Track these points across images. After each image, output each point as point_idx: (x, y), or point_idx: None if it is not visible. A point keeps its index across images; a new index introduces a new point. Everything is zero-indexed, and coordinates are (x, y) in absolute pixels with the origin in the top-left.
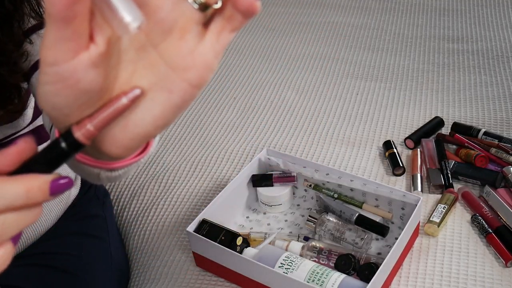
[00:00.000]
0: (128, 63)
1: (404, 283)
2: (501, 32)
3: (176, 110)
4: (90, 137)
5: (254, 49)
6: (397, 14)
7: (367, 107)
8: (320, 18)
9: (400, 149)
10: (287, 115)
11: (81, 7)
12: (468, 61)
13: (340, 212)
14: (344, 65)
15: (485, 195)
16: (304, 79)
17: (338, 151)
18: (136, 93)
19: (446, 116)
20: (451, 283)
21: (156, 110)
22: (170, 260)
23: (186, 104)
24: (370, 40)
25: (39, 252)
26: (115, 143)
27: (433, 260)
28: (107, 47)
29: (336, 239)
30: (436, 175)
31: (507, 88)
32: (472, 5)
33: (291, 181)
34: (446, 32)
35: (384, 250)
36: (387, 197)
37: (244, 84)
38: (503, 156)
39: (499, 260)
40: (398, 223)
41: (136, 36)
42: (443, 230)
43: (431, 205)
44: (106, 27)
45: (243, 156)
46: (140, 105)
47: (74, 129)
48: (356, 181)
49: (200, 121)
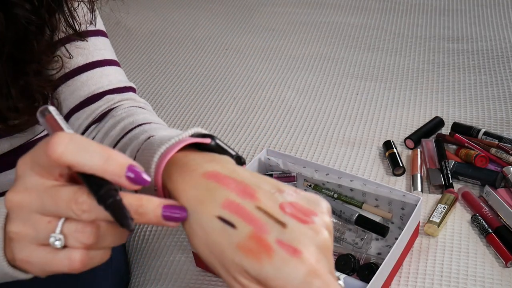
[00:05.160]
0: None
1: (404, 283)
2: (501, 32)
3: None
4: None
5: (254, 49)
6: (397, 14)
7: (367, 107)
8: (320, 18)
9: (400, 149)
10: (287, 115)
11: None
12: (468, 61)
13: (340, 212)
14: (344, 65)
15: (485, 195)
16: (304, 79)
17: (338, 151)
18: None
19: (446, 116)
20: (451, 283)
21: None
22: (170, 260)
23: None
24: (370, 40)
25: None
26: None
27: (433, 260)
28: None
29: (336, 239)
30: (436, 175)
31: (507, 88)
32: (472, 5)
33: (291, 181)
34: (446, 32)
35: (384, 250)
36: (387, 197)
37: (244, 84)
38: (503, 156)
39: (499, 260)
40: (398, 223)
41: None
42: (443, 230)
43: (431, 205)
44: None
45: (243, 156)
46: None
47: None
48: (356, 181)
49: (200, 121)
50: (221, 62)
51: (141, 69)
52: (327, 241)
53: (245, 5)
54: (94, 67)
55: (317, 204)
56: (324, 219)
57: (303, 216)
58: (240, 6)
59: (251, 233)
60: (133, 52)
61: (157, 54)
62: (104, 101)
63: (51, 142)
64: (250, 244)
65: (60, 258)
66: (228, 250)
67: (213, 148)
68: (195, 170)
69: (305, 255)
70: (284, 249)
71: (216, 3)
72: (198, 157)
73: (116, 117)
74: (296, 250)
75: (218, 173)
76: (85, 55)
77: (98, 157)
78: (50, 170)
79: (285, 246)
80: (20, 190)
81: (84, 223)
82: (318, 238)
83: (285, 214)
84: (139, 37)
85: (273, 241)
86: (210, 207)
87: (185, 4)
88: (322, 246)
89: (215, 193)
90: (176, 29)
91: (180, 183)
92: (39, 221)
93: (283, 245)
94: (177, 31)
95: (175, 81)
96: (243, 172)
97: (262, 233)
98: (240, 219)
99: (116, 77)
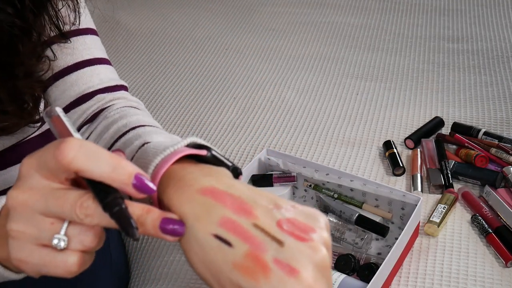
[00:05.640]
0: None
1: (404, 283)
2: (501, 32)
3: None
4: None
5: (254, 49)
6: (397, 14)
7: (367, 107)
8: (320, 18)
9: (400, 149)
10: (287, 115)
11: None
12: (468, 61)
13: (340, 212)
14: (344, 65)
15: (485, 195)
16: (304, 79)
17: (338, 151)
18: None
19: (446, 116)
20: (451, 283)
21: None
22: (170, 260)
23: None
24: (370, 40)
25: None
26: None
27: (433, 260)
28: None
29: (336, 239)
30: (436, 175)
31: (507, 88)
32: (472, 5)
33: (291, 181)
34: (446, 32)
35: (384, 250)
36: (387, 197)
37: (244, 84)
38: (503, 156)
39: (499, 260)
40: (398, 223)
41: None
42: (443, 230)
43: (431, 205)
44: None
45: (243, 156)
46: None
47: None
48: (356, 181)
49: (200, 121)
50: (221, 62)
51: (141, 69)
52: (326, 259)
53: (245, 5)
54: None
55: (316, 220)
56: (322, 236)
57: (301, 233)
58: (240, 6)
59: (247, 252)
60: (133, 52)
61: (157, 54)
62: (95, 100)
63: (61, 147)
64: (246, 263)
65: (58, 260)
66: (225, 268)
67: (209, 160)
68: (191, 185)
69: (303, 274)
70: (281, 268)
71: (216, 3)
72: (195, 170)
73: (109, 119)
74: (293, 270)
75: (214, 189)
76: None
77: (107, 165)
78: (57, 174)
79: (283, 265)
80: (25, 189)
81: (88, 227)
82: (316, 257)
83: (283, 231)
84: (139, 37)
85: (270, 260)
86: (207, 225)
87: (185, 4)
88: (320, 264)
89: (211, 210)
90: (176, 29)
91: (176, 198)
92: (42, 222)
93: (281, 264)
94: (177, 31)
95: (175, 81)
96: (240, 187)
97: (259, 252)
98: (236, 237)
99: (107, 76)
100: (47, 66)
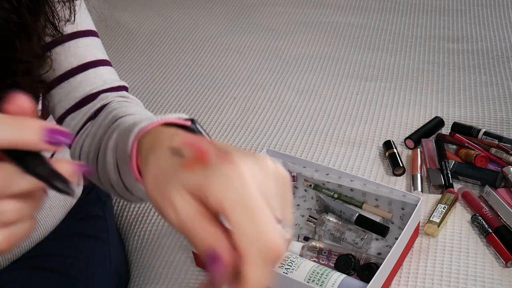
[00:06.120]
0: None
1: (404, 283)
2: (501, 32)
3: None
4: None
5: (254, 49)
6: (397, 14)
7: (367, 107)
8: (320, 18)
9: (400, 149)
10: (287, 115)
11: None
12: (468, 61)
13: (340, 212)
14: (344, 65)
15: (485, 195)
16: (304, 79)
17: (338, 151)
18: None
19: (446, 116)
20: (451, 283)
21: None
22: (170, 260)
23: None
24: (370, 40)
25: (38, 255)
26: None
27: (433, 260)
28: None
29: (336, 239)
30: (436, 175)
31: (507, 88)
32: (472, 5)
33: (291, 181)
34: (446, 32)
35: (384, 250)
36: (387, 197)
37: (244, 84)
38: (503, 156)
39: (499, 260)
40: (398, 223)
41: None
42: (443, 230)
43: (431, 205)
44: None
45: None
46: None
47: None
48: (356, 181)
49: (200, 121)
50: (221, 62)
51: (141, 69)
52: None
53: (245, 5)
54: (88, 68)
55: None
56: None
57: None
58: (240, 6)
59: (195, 155)
60: (133, 52)
61: (157, 54)
62: (99, 99)
63: None
64: (191, 161)
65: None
66: (171, 170)
67: (192, 131)
68: (163, 143)
69: (237, 159)
70: (219, 158)
71: (216, 3)
72: (170, 130)
73: (108, 109)
74: (231, 160)
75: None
76: (78, 57)
77: (10, 129)
78: None
79: (221, 156)
80: None
81: (1, 201)
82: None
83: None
84: (139, 37)
85: (213, 154)
86: (166, 142)
87: (185, 4)
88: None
89: (174, 137)
90: (176, 29)
91: (149, 155)
92: None
93: (219, 156)
94: (177, 31)
95: (175, 81)
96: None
97: (203, 147)
98: (191, 150)
99: (109, 77)
100: (48, 66)
